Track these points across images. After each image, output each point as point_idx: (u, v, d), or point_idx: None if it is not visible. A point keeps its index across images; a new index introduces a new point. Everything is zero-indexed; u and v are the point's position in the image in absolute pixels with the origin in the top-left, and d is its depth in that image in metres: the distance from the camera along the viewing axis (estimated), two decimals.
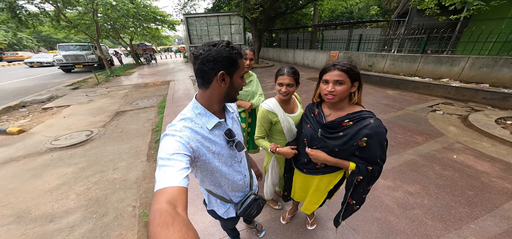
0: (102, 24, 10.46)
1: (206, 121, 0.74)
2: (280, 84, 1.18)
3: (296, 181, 1.42)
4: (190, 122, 0.71)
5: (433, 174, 2.32)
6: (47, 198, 2.22)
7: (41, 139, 3.57)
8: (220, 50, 0.65)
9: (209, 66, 0.66)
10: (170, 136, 0.65)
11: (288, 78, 1.15)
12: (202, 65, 0.66)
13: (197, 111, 0.74)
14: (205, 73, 0.68)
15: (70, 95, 6.85)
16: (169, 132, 0.67)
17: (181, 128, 0.68)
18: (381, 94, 5.65)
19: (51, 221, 1.94)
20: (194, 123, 0.72)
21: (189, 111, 0.74)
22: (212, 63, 0.66)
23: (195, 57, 0.68)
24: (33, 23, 8.26)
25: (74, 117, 4.67)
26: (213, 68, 0.66)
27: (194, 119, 0.72)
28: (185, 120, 0.71)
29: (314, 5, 11.90)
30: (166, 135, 0.66)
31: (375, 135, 0.91)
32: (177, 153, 0.59)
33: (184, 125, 0.69)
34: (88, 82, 8.98)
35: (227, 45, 0.67)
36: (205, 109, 0.74)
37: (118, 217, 1.95)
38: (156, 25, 14.42)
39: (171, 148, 0.60)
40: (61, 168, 2.71)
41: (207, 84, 0.70)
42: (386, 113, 4.22)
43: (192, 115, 0.73)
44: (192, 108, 0.74)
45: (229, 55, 0.67)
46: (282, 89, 1.17)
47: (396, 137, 3.20)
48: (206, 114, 0.74)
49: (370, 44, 8.77)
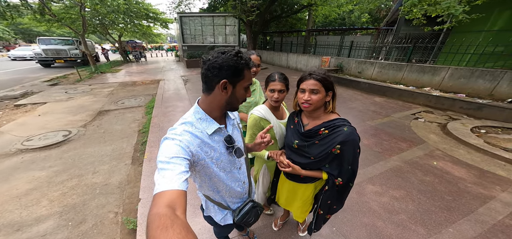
0: (89, 19, 9.95)
1: (207, 126, 0.74)
2: (271, 90, 1.17)
3: (282, 186, 1.41)
4: (190, 127, 0.71)
5: (415, 180, 2.42)
6: (15, 205, 2.02)
7: (11, 139, 3.29)
8: (228, 58, 0.66)
9: (213, 72, 0.66)
10: (170, 140, 0.65)
11: (280, 84, 1.15)
12: (207, 71, 0.67)
13: (198, 116, 0.74)
14: (209, 79, 0.68)
15: (48, 91, 6.42)
16: (169, 135, 0.67)
17: (181, 132, 0.68)
18: (369, 100, 5.83)
19: (18, 229, 1.77)
20: (194, 127, 0.72)
21: (191, 116, 0.74)
22: (217, 70, 0.66)
23: (203, 62, 0.69)
24: (12, 15, 7.72)
25: (51, 116, 4.37)
26: (217, 75, 0.67)
27: (195, 123, 0.73)
28: (186, 124, 0.71)
29: (309, 10, 12.14)
30: (166, 139, 0.66)
31: (348, 142, 0.94)
32: (176, 157, 0.59)
33: (185, 129, 0.69)
34: (68, 78, 8.49)
35: (236, 54, 0.67)
36: (206, 115, 0.74)
37: (97, 224, 1.81)
38: (148, 23, 14.00)
39: (171, 152, 0.60)
40: (33, 171, 2.50)
41: (210, 90, 0.71)
42: (374, 119, 4.35)
43: (193, 119, 0.73)
44: (194, 112, 0.75)
45: (235, 64, 0.67)
46: (274, 96, 1.16)
47: (383, 143, 3.30)
48: (207, 119, 0.75)
49: (361, 51, 9.06)
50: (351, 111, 4.85)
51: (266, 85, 1.20)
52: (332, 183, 1.06)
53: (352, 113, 4.71)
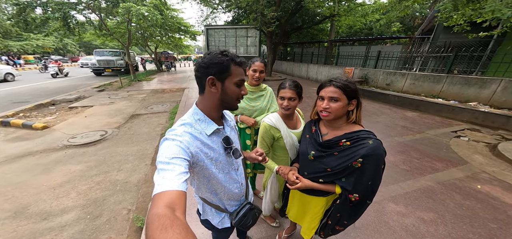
0: (134, 32, 11.50)
1: (205, 127, 0.75)
2: (281, 97, 1.16)
3: (293, 198, 1.35)
4: (190, 128, 0.72)
5: (451, 203, 2.13)
6: (49, 195, 2.29)
7: (60, 136, 3.88)
8: (213, 57, 0.69)
9: (201, 71, 0.70)
10: (170, 140, 0.65)
11: (290, 92, 1.13)
12: (196, 71, 0.72)
13: (197, 117, 0.76)
14: (199, 79, 0.72)
15: (95, 96, 7.46)
16: (169, 136, 0.68)
17: (181, 132, 0.69)
18: (398, 115, 5.29)
19: (45, 219, 1.98)
20: (193, 128, 0.73)
21: (189, 117, 0.76)
22: (204, 68, 0.70)
23: (195, 65, 0.74)
24: (78, 31, 9.42)
25: (94, 117, 5.03)
26: (205, 73, 0.70)
27: (194, 124, 0.74)
28: (185, 125, 0.73)
29: (332, 21, 11.89)
30: (166, 140, 0.67)
31: (373, 156, 0.86)
32: (176, 157, 0.60)
33: (185, 130, 0.70)
34: (113, 85, 9.75)
35: (221, 52, 0.70)
36: (205, 115, 0.76)
37: (111, 219, 1.97)
38: (180, 35, 15.43)
39: (171, 152, 0.60)
40: (70, 165, 2.87)
41: (203, 90, 0.74)
42: (403, 135, 3.91)
43: (192, 120, 0.74)
44: (192, 114, 0.76)
45: (219, 61, 0.69)
46: (283, 103, 1.15)
47: (412, 161, 2.95)
48: (206, 120, 0.76)
49: (389, 62, 8.41)
50: (376, 125, 4.45)
51: (278, 93, 1.21)
52: (344, 197, 0.98)
53: (377, 127, 4.32)
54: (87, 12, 9.26)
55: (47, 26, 8.77)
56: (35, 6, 7.91)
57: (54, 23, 8.59)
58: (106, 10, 9.47)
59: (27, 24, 8.19)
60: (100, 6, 9.08)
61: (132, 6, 7.96)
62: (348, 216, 1.07)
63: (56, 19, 8.15)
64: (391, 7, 7.68)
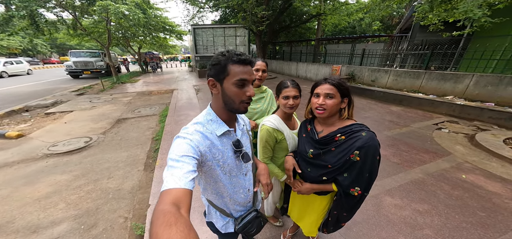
0: (114, 32, 10.86)
1: (216, 128, 0.76)
2: (285, 97, 1.12)
3: (295, 197, 1.35)
4: (201, 127, 0.74)
5: (442, 194, 2.25)
6: (35, 207, 2.13)
7: (39, 144, 3.56)
8: (214, 57, 0.71)
9: (208, 73, 0.73)
10: (182, 138, 0.67)
11: (294, 90, 1.12)
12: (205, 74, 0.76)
13: (209, 117, 0.77)
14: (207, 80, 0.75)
15: (75, 100, 6.94)
16: (181, 134, 0.70)
17: (192, 131, 0.70)
18: (384, 110, 5.58)
19: (34, 232, 1.85)
20: (205, 128, 0.74)
21: (203, 117, 0.77)
22: (208, 70, 0.73)
23: None
24: (49, 30, 8.66)
25: (75, 123, 4.69)
26: (208, 74, 0.73)
27: (205, 124, 0.75)
28: (197, 124, 0.74)
29: (318, 19, 12.20)
30: (178, 137, 0.69)
31: (367, 147, 0.88)
32: (186, 156, 0.61)
33: (196, 129, 0.72)
34: (93, 88, 9.14)
35: (221, 52, 0.70)
36: (216, 116, 0.77)
37: (107, 229, 1.85)
38: (165, 35, 14.89)
39: (181, 150, 0.62)
40: (54, 175, 2.65)
41: (211, 93, 0.77)
42: (390, 129, 4.13)
43: (204, 120, 0.76)
44: (206, 114, 0.78)
45: (216, 61, 0.69)
46: (288, 102, 1.12)
47: (402, 154, 3.11)
48: (217, 121, 0.77)
49: (373, 59, 8.82)
50: (366, 121, 4.65)
51: (278, 92, 1.17)
52: (340, 194, 1.03)
53: (366, 123, 4.44)
54: (59, 10, 8.53)
55: (11, 25, 7.96)
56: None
57: (20, 22, 7.80)
58: (80, 8, 8.80)
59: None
60: (73, 4, 8.43)
61: (109, 4, 7.48)
62: (346, 211, 1.10)
63: (22, 18, 7.37)
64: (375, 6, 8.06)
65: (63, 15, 8.92)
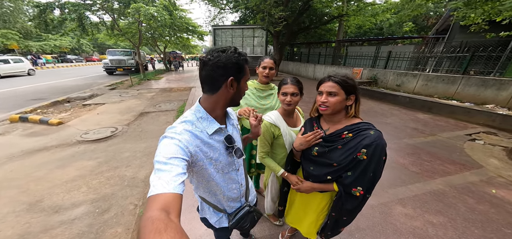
0: (144, 32, 11.87)
1: (207, 126, 0.73)
2: (284, 93, 1.15)
3: (294, 199, 1.33)
4: (190, 125, 0.70)
5: (463, 207, 2.06)
6: (61, 189, 2.37)
7: (74, 132, 4.04)
8: (230, 56, 0.67)
9: (219, 72, 0.67)
10: (169, 139, 0.63)
11: (292, 87, 1.13)
12: (212, 72, 0.67)
13: (199, 114, 0.74)
14: (214, 79, 0.69)
15: (107, 94, 7.72)
16: (168, 134, 0.65)
17: (181, 131, 0.67)
18: (408, 116, 5.12)
19: (56, 212, 2.04)
20: (195, 126, 0.71)
21: (191, 114, 0.74)
22: (222, 69, 0.67)
23: (203, 63, 0.68)
24: (92, 31, 9.90)
25: (105, 114, 5.22)
26: (223, 74, 0.68)
27: (195, 122, 0.72)
28: (186, 123, 0.71)
29: (340, 20, 11.68)
30: (165, 137, 0.65)
31: (375, 146, 0.86)
32: (174, 157, 0.58)
33: (185, 128, 0.68)
34: (123, 84, 10.05)
35: (235, 51, 0.69)
36: (207, 114, 0.74)
37: (118, 214, 2.02)
38: (188, 35, 15.72)
39: (169, 152, 0.59)
40: (82, 161, 2.97)
41: (216, 90, 0.71)
42: (413, 137, 3.79)
43: (193, 118, 0.72)
44: (195, 111, 0.74)
45: (237, 61, 0.68)
46: (286, 99, 1.14)
47: (423, 164, 2.87)
48: (208, 119, 0.74)
49: (400, 62, 8.18)
50: (385, 127, 4.34)
51: (279, 89, 1.20)
52: (340, 194, 1.00)
53: (385, 129, 4.21)
54: (101, 13, 9.67)
55: (64, 26, 9.24)
56: (54, 7, 8.38)
57: (70, 24, 9.04)
58: (118, 11, 9.81)
59: (47, 25, 8.69)
60: (112, 6, 9.43)
61: (141, 6, 8.21)
62: (345, 214, 1.06)
63: (72, 20, 8.62)
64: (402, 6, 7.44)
65: (104, 17, 10.11)
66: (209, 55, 0.67)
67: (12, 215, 1.99)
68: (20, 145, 3.43)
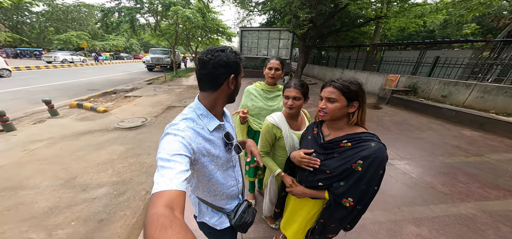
0: (180, 33, 13.12)
1: (208, 123, 0.75)
2: (286, 96, 1.17)
3: (288, 204, 1.33)
4: (192, 123, 0.72)
5: (493, 235, 1.81)
6: (93, 170, 2.66)
7: (114, 119, 4.70)
8: (229, 55, 0.71)
9: (220, 70, 0.70)
10: (172, 135, 0.64)
11: (295, 91, 1.14)
12: (214, 70, 0.70)
13: (200, 112, 0.75)
14: (216, 77, 0.71)
15: (145, 88, 8.74)
16: (171, 131, 0.66)
17: (184, 127, 0.68)
18: (451, 132, 4.39)
19: (84, 190, 2.26)
20: (196, 123, 0.72)
21: (191, 112, 0.75)
22: (224, 67, 0.70)
23: (203, 62, 0.70)
24: (140, 32, 11.54)
25: (140, 106, 5.93)
26: (225, 72, 0.71)
27: (196, 120, 0.73)
28: (187, 120, 0.72)
29: (377, 23, 10.63)
30: (168, 134, 0.65)
31: (373, 159, 0.82)
32: (178, 154, 0.59)
33: (187, 125, 0.69)
34: (159, 80, 11.22)
35: (232, 51, 0.73)
36: (207, 111, 0.76)
37: (130, 198, 2.21)
38: (217, 36, 16.62)
39: (172, 148, 0.59)
40: (114, 146, 3.41)
41: (216, 88, 0.74)
42: (452, 156, 3.26)
43: (194, 115, 0.74)
44: (195, 109, 0.75)
45: (237, 60, 0.73)
46: (288, 102, 1.16)
47: (456, 185, 2.50)
48: (208, 116, 0.76)
49: (450, 69, 7.05)
50: (417, 141, 3.82)
51: (283, 91, 1.22)
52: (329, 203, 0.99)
53: (417, 144, 3.72)
54: (147, 15, 11.16)
55: (119, 27, 10.94)
56: (114, 11, 10.05)
57: (124, 26, 10.65)
58: (161, 13, 11.09)
59: (107, 26, 10.47)
60: (157, 9, 10.70)
61: (179, 9, 9.10)
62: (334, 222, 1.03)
63: (126, 22, 10.18)
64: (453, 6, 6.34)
65: (149, 19, 11.62)
66: (209, 54, 0.69)
67: (50, 188, 2.29)
68: (72, 127, 4.17)
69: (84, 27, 28.61)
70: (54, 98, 5.39)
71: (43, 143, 3.37)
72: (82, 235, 1.76)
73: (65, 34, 25.32)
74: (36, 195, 2.18)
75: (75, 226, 1.84)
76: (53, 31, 27.78)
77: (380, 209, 2.08)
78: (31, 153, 3.04)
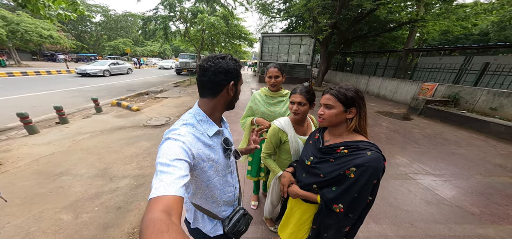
0: (206, 39, 14.10)
1: (207, 128, 0.76)
2: (292, 102, 1.23)
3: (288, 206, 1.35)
4: (192, 128, 0.72)
5: None
6: (121, 162, 2.90)
7: (144, 117, 5.26)
8: (229, 62, 0.73)
9: (220, 77, 0.73)
10: (173, 140, 0.64)
11: (300, 97, 1.19)
12: (214, 76, 0.72)
13: (199, 117, 0.76)
14: (216, 83, 0.73)
15: (172, 90, 9.53)
16: (172, 136, 0.66)
17: (184, 133, 0.68)
18: (496, 150, 3.78)
19: (111, 180, 2.42)
20: (196, 129, 0.73)
21: (191, 117, 0.75)
22: (224, 74, 0.72)
23: (204, 69, 0.73)
24: (171, 38, 12.79)
25: (166, 107, 6.51)
26: (225, 79, 0.73)
27: (196, 125, 0.74)
28: (188, 125, 0.72)
29: (411, 27, 9.67)
30: (168, 139, 0.65)
31: (367, 168, 0.82)
32: (178, 159, 0.59)
33: (188, 131, 0.70)
34: (185, 83, 12.10)
35: (231, 57, 0.76)
36: (207, 117, 0.77)
37: (147, 190, 2.36)
38: (240, 42, 17.24)
39: (172, 153, 0.59)
40: (142, 141, 3.77)
41: (216, 94, 0.75)
42: (491, 175, 2.85)
43: (194, 121, 0.74)
44: (194, 114, 0.76)
45: (236, 67, 0.75)
46: (293, 107, 1.22)
47: (490, 206, 2.21)
48: (208, 121, 0.77)
49: (503, 78, 6.08)
50: (451, 157, 3.41)
51: (290, 96, 1.27)
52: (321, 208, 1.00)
53: (450, 159, 3.33)
54: (178, 23, 12.37)
55: (156, 34, 12.30)
56: (152, 20, 11.46)
57: (159, 32, 11.94)
58: (190, 20, 12.09)
59: (145, 33, 11.85)
60: (187, 17, 11.72)
61: (205, 16, 9.90)
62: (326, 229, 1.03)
63: (161, 29, 11.44)
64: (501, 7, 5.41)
65: (179, 26, 12.85)
66: (209, 61, 0.72)
67: (86, 176, 2.55)
68: (111, 122, 4.79)
69: (129, 35, 33.19)
70: (101, 97, 6.28)
71: (87, 135, 3.95)
72: (101, 220, 1.93)
73: (114, 41, 29.71)
74: (74, 181, 2.45)
75: (97, 211, 2.03)
76: (106, 39, 32.86)
77: (389, 223, 1.95)
78: (77, 143, 3.59)
